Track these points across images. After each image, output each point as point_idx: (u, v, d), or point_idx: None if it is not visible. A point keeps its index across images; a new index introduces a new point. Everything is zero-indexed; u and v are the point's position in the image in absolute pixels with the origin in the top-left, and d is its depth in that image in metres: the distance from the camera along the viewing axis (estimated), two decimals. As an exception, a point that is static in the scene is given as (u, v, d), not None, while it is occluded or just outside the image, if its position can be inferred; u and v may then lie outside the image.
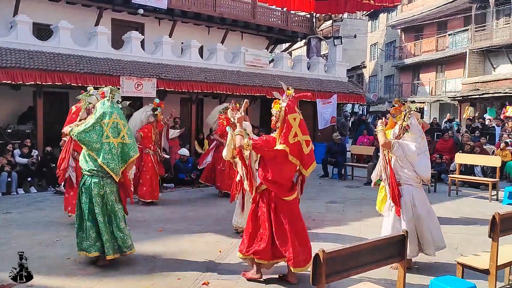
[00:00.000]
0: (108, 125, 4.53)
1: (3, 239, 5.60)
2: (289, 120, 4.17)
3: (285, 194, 4.20)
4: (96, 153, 4.47)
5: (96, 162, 4.48)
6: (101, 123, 4.53)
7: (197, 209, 7.77)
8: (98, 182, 4.49)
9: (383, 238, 2.88)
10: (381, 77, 30.06)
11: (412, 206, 4.58)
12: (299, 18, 17.44)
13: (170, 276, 4.38)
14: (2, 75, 9.14)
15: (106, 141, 4.49)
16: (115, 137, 4.54)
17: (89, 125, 4.52)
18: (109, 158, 4.47)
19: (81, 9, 12.57)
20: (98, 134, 4.50)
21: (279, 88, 4.81)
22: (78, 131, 4.52)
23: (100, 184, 4.49)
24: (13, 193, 8.86)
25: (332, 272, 2.48)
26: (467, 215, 7.39)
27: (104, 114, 4.57)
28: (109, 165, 4.46)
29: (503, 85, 18.22)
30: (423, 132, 4.73)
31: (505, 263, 3.83)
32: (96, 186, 4.48)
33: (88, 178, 4.54)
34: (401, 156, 4.57)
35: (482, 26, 20.52)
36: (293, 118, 4.19)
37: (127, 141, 4.62)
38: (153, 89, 11.13)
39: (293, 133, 4.15)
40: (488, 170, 10.28)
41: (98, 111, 4.61)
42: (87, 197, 4.50)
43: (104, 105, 4.65)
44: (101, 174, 4.51)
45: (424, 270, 4.62)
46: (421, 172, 4.62)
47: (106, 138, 4.50)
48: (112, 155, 4.49)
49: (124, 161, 4.61)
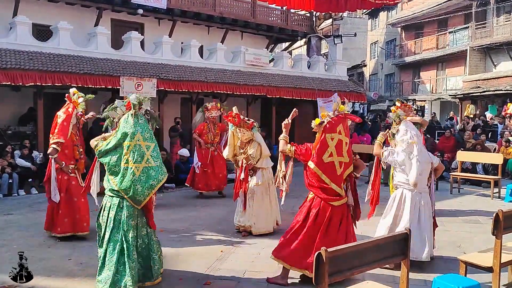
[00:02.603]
0: (129, 148, 3.92)
1: (4, 240, 5.60)
2: (327, 139, 4.08)
3: (332, 199, 4.11)
4: (114, 177, 3.95)
5: None
6: (122, 145, 3.96)
7: (198, 209, 7.76)
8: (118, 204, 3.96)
9: (386, 237, 2.86)
10: (382, 75, 30.03)
11: (417, 211, 4.64)
12: (299, 17, 17.41)
13: (171, 276, 4.36)
14: (2, 76, 9.13)
15: (125, 165, 3.90)
16: (138, 162, 3.90)
17: (111, 146, 3.99)
18: (126, 186, 3.86)
19: (81, 10, 12.55)
20: (118, 157, 3.95)
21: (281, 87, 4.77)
22: (100, 150, 4.03)
23: (120, 207, 3.95)
24: (14, 194, 8.86)
25: (335, 271, 2.46)
26: (469, 213, 7.36)
27: (125, 135, 3.96)
28: (127, 192, 3.87)
29: (504, 82, 18.18)
30: (415, 137, 4.65)
31: (509, 261, 3.81)
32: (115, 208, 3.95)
33: (109, 198, 4.02)
34: (393, 163, 4.76)
35: (482, 24, 20.48)
36: (331, 138, 4.07)
37: (152, 164, 3.95)
38: (153, 89, 11.11)
39: (329, 153, 4.07)
40: (490, 168, 10.25)
41: (120, 131, 4.00)
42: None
43: (127, 122, 4.02)
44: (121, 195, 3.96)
45: (427, 268, 4.60)
46: (410, 177, 4.60)
47: (126, 162, 3.91)
48: (131, 182, 3.86)
49: (151, 186, 3.92)
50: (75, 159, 5.66)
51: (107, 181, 4.05)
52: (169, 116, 12.41)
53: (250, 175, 5.91)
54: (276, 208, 6.05)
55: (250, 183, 5.88)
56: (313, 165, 4.09)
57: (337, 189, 4.11)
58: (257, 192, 5.85)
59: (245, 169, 5.86)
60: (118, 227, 3.93)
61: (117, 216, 3.94)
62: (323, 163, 4.06)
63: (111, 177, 3.98)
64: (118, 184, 3.89)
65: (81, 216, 5.62)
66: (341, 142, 4.11)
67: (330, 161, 4.08)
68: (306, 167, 4.21)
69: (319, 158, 4.06)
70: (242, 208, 5.88)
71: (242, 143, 5.92)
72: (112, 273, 3.84)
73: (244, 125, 5.82)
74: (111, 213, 3.95)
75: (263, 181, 5.88)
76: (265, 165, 5.96)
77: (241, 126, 5.83)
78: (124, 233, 3.90)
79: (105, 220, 3.99)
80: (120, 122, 4.09)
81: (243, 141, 5.89)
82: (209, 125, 8.74)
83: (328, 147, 4.07)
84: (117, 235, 3.92)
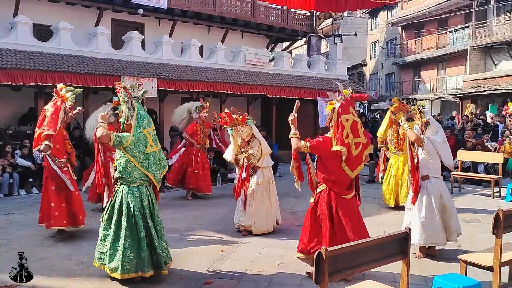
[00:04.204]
0: (151, 134, 4.20)
1: (5, 240, 5.61)
2: (342, 121, 4.16)
3: (345, 192, 4.23)
4: (140, 164, 4.09)
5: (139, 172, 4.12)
6: (144, 132, 4.13)
7: (199, 208, 7.76)
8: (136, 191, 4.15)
9: (386, 236, 2.86)
10: (382, 75, 30.00)
11: (440, 197, 4.90)
12: (299, 17, 17.42)
13: (172, 275, 4.36)
14: (3, 76, 9.14)
15: (150, 150, 4.15)
16: (156, 146, 4.24)
17: (138, 135, 4.09)
18: (154, 169, 4.17)
19: (81, 10, 12.56)
20: (144, 144, 4.12)
21: (282, 87, 4.80)
22: (126, 141, 4.02)
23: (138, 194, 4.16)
24: (15, 194, 8.87)
25: (335, 270, 2.46)
26: (469, 212, 7.35)
27: (146, 121, 4.20)
28: (155, 175, 4.19)
29: (504, 81, 18.18)
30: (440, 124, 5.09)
31: (509, 260, 3.81)
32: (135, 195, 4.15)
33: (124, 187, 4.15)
34: (431, 150, 4.88)
35: (483, 23, 20.46)
36: (345, 119, 4.18)
37: (159, 147, 4.33)
38: (154, 89, 11.13)
39: (345, 134, 4.14)
40: (491, 169, 10.24)
41: (140, 118, 4.15)
42: None
43: (140, 109, 4.22)
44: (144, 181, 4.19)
45: (428, 268, 4.61)
46: (447, 160, 5.00)
47: (150, 148, 4.16)
48: (156, 166, 4.21)
49: (163, 166, 4.32)
50: (67, 153, 5.66)
51: (122, 171, 4.10)
52: (169, 115, 12.34)
53: (251, 174, 5.90)
54: (276, 207, 6.05)
55: (250, 182, 5.86)
56: (339, 147, 4.11)
57: (348, 172, 4.17)
58: (257, 191, 5.84)
59: (246, 168, 5.85)
60: (134, 215, 4.06)
61: (135, 205, 4.07)
62: (345, 144, 4.12)
63: (137, 164, 4.07)
64: (146, 169, 4.10)
65: (76, 209, 5.66)
66: (356, 123, 4.23)
67: (347, 142, 4.15)
68: (322, 159, 4.27)
69: (342, 140, 4.10)
70: (242, 208, 5.87)
71: (243, 142, 5.90)
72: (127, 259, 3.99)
73: (238, 123, 5.78)
74: (130, 203, 4.06)
75: (263, 180, 5.86)
76: (265, 164, 5.94)
77: (236, 124, 5.80)
78: (141, 221, 4.08)
79: (122, 209, 4.07)
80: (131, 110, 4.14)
81: (244, 139, 5.87)
82: (201, 125, 8.57)
83: (345, 128, 4.14)
84: (138, 223, 4.06)
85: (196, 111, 8.58)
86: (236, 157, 6.04)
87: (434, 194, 4.88)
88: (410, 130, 5.04)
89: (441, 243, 4.88)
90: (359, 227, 4.25)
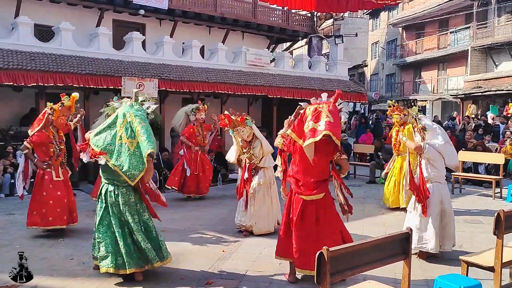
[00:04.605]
0: (122, 125, 4.12)
1: (6, 240, 5.62)
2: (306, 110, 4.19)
3: (306, 193, 4.09)
4: (110, 156, 4.07)
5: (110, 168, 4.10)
6: (116, 124, 4.19)
7: (200, 208, 7.77)
8: (113, 190, 4.15)
9: (387, 236, 2.86)
10: (383, 75, 30.00)
11: (440, 203, 4.86)
12: (300, 17, 17.42)
13: (173, 275, 4.37)
14: (4, 76, 9.14)
15: (119, 142, 4.09)
16: (131, 137, 4.07)
17: (105, 126, 4.22)
18: (122, 161, 4.02)
19: (82, 10, 12.57)
20: (113, 135, 4.13)
21: (282, 87, 4.81)
22: (94, 133, 4.22)
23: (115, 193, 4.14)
24: (16, 194, 8.87)
25: (337, 270, 2.47)
26: (470, 213, 7.36)
27: (118, 115, 4.24)
28: (122, 167, 4.01)
29: (505, 82, 18.17)
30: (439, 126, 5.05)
31: (510, 261, 3.81)
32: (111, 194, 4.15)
33: (105, 185, 4.21)
34: (434, 155, 4.83)
35: (483, 24, 20.46)
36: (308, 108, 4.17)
37: (143, 139, 4.00)
38: (155, 89, 11.13)
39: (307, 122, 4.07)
40: (492, 170, 10.24)
41: (116, 113, 4.31)
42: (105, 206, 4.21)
43: (123, 107, 4.31)
44: (117, 182, 4.13)
45: (429, 268, 4.61)
46: (450, 160, 4.95)
47: (120, 139, 4.10)
48: (127, 156, 4.02)
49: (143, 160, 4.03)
50: (50, 156, 5.90)
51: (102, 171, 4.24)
52: (170, 116, 12.36)
53: (253, 174, 5.91)
54: (277, 207, 6.06)
55: (252, 182, 5.87)
56: (289, 131, 4.13)
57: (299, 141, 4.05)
58: (258, 191, 5.84)
59: (248, 169, 5.86)
60: (114, 212, 4.14)
61: (114, 202, 4.13)
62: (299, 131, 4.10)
63: (107, 157, 4.09)
64: (114, 161, 4.04)
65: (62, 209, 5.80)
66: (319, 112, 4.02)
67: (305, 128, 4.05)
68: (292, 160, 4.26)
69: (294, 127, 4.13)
70: (244, 208, 5.88)
71: (245, 143, 5.91)
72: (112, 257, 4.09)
73: (237, 124, 5.79)
74: (109, 199, 4.14)
75: (264, 180, 5.87)
76: (267, 165, 5.95)
77: (236, 125, 5.81)
78: (119, 218, 4.14)
79: (102, 206, 4.19)
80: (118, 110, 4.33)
81: (245, 140, 5.87)
82: (198, 127, 8.57)
83: (307, 117, 4.09)
84: (113, 220, 4.13)
85: (192, 113, 8.62)
86: (238, 158, 6.06)
87: (433, 200, 4.82)
88: (408, 141, 5.12)
89: (435, 250, 4.79)
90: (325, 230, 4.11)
